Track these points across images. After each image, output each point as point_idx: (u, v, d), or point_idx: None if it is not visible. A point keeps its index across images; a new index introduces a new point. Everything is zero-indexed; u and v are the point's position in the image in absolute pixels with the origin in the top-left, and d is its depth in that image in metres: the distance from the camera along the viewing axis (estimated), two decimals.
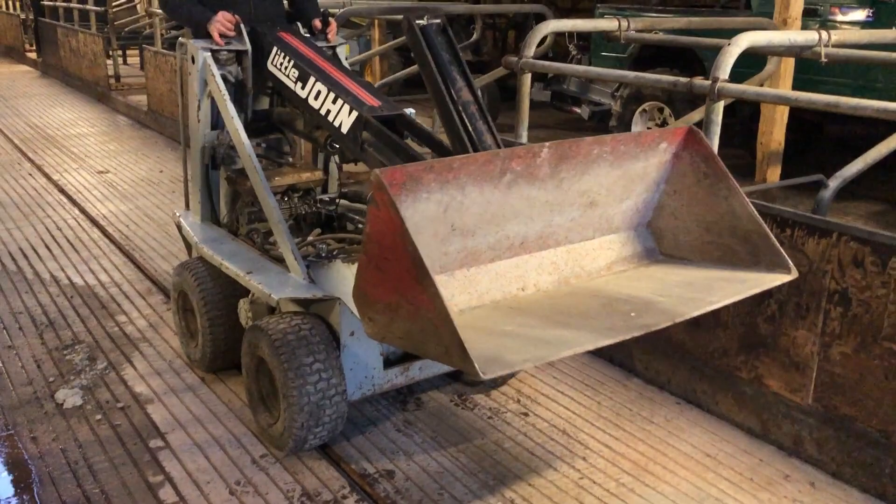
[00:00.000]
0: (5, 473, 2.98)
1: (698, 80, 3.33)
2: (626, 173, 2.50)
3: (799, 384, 3.00)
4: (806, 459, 3.03)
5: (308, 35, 3.78)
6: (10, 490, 2.89)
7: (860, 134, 7.10)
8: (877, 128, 5.48)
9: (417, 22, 2.66)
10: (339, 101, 3.02)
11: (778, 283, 2.39)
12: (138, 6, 14.69)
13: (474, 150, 2.52)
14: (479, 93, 2.65)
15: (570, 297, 2.46)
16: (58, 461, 3.04)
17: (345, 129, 2.98)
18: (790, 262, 2.39)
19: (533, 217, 2.41)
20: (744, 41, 3.22)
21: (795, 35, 3.78)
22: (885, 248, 2.67)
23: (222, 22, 3.44)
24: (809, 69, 5.63)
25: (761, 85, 5.23)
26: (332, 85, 3.10)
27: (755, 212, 2.43)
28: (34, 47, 15.63)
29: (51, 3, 14.32)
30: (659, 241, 2.73)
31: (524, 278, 2.49)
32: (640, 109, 6.84)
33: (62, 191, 6.87)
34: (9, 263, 5.12)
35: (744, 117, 6.55)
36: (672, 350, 3.48)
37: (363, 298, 2.14)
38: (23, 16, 16.49)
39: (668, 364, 3.52)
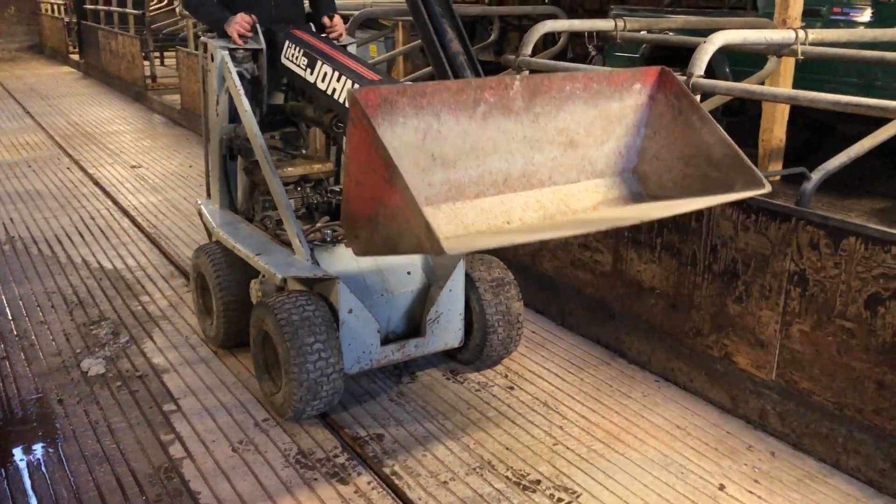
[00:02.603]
0: (34, 429, 3.30)
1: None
2: (603, 113, 2.60)
3: (764, 361, 3.19)
4: (770, 432, 3.22)
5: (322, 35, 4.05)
6: (39, 443, 3.21)
7: (871, 132, 7.19)
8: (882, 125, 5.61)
9: None
10: (343, 79, 3.25)
11: (750, 195, 2.49)
12: (176, 9, 15.22)
13: None
14: (470, 44, 2.85)
15: (552, 226, 2.61)
16: (80, 420, 3.35)
17: (348, 104, 3.22)
18: (763, 178, 2.46)
19: (513, 152, 2.53)
20: (719, 39, 3.41)
21: (772, 34, 3.95)
22: (837, 231, 2.85)
23: (240, 24, 3.71)
24: (817, 69, 5.77)
25: (762, 83, 5.39)
26: (337, 66, 3.33)
27: (727, 136, 2.50)
28: (77, 49, 16.24)
29: (93, 7, 14.88)
30: (645, 184, 2.79)
31: (510, 214, 2.58)
32: None
33: (97, 183, 7.27)
34: (45, 249, 5.49)
35: (751, 116, 6.69)
36: (652, 331, 3.69)
37: (349, 219, 2.32)
38: (67, 19, 17.11)
39: (648, 344, 3.73)
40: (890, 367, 2.77)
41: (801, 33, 3.77)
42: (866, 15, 5.84)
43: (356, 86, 3.13)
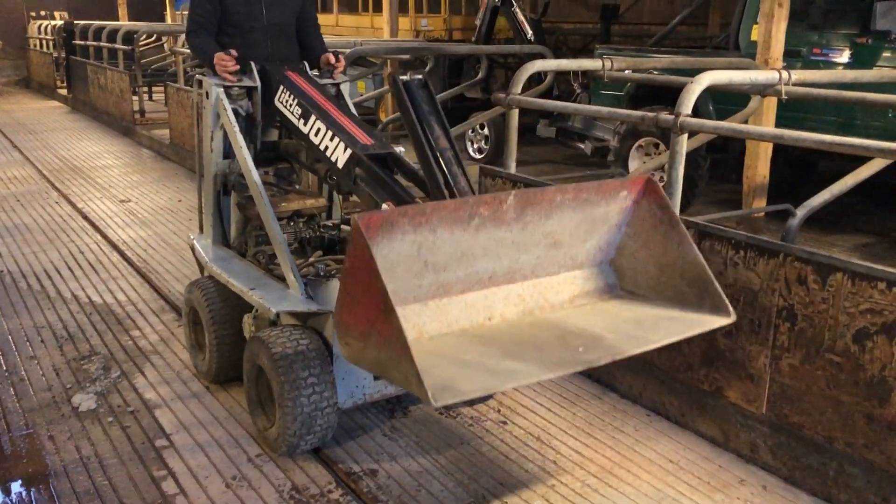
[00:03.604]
0: (24, 466, 3.27)
1: (663, 115, 3.61)
2: (589, 217, 2.73)
3: (754, 395, 3.23)
4: (761, 465, 3.25)
5: (315, 73, 4.12)
6: (29, 480, 3.18)
7: (851, 170, 7.34)
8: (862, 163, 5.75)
9: (401, 78, 3.01)
10: (336, 139, 3.33)
11: (717, 325, 2.61)
12: (165, 45, 15.33)
13: (449, 190, 2.82)
14: (454, 140, 2.96)
15: (531, 328, 2.68)
16: (71, 456, 3.33)
17: (340, 165, 3.29)
18: (730, 306, 2.60)
19: (500, 255, 2.64)
20: (705, 80, 3.50)
21: (756, 74, 4.06)
22: (824, 266, 2.91)
23: (219, 64, 3.78)
24: (798, 108, 5.92)
25: (745, 122, 5.51)
26: (331, 123, 3.41)
27: (702, 259, 2.64)
28: (65, 84, 16.28)
29: (82, 43, 14.96)
30: (620, 277, 2.92)
31: (491, 309, 2.70)
32: (636, 145, 7.13)
33: (86, 218, 7.26)
34: (34, 283, 5.47)
35: (736, 153, 6.81)
36: (643, 365, 3.72)
37: (341, 324, 2.39)
38: (55, 54, 17.19)
39: (639, 378, 3.76)
40: (878, 401, 2.82)
41: (785, 74, 3.87)
42: (845, 56, 6.01)
43: (348, 150, 3.21)
